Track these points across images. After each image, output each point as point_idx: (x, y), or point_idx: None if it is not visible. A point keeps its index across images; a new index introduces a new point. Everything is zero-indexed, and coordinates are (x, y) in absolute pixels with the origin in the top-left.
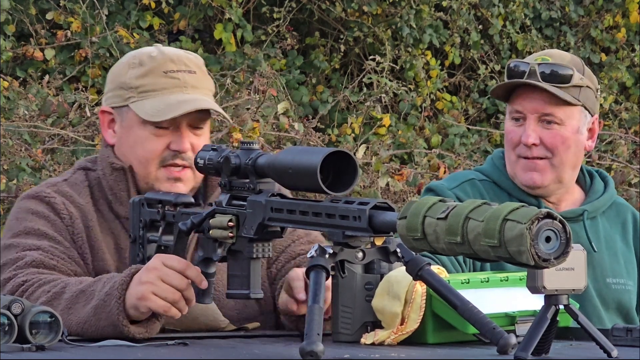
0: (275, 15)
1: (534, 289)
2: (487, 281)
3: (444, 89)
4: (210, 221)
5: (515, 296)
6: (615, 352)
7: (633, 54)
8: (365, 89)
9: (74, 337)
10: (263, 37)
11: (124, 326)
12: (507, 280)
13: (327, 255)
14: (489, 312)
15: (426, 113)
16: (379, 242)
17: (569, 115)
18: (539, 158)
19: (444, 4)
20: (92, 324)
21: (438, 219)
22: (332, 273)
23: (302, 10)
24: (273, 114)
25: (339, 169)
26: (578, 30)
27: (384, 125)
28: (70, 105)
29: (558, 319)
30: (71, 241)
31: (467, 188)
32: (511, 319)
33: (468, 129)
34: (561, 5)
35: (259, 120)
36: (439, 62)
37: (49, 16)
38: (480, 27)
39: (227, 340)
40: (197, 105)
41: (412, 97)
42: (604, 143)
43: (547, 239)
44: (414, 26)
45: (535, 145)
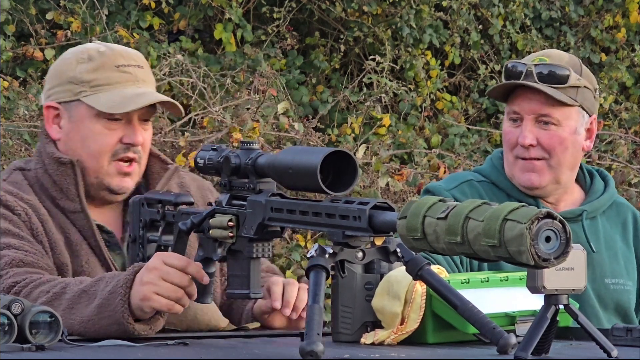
0: (275, 15)
1: (534, 288)
2: (487, 281)
3: (444, 89)
4: (210, 221)
5: (515, 296)
6: (615, 352)
7: (633, 54)
8: (365, 89)
9: (74, 337)
10: (263, 37)
11: (129, 324)
12: (507, 280)
13: (327, 255)
14: (489, 312)
15: (426, 113)
16: (379, 242)
17: (566, 116)
18: (537, 159)
19: (444, 4)
20: (96, 323)
21: (438, 218)
22: (332, 273)
23: (302, 10)
24: (273, 114)
25: (339, 169)
26: (578, 30)
27: (384, 125)
28: None
29: (558, 319)
30: (32, 236)
31: (465, 189)
32: (511, 318)
33: (468, 129)
34: (561, 5)
35: (259, 120)
36: (439, 62)
37: (49, 16)
38: (480, 27)
39: (227, 340)
40: (158, 97)
41: (412, 97)
42: (604, 143)
43: (547, 239)
44: (414, 26)
45: (532, 146)
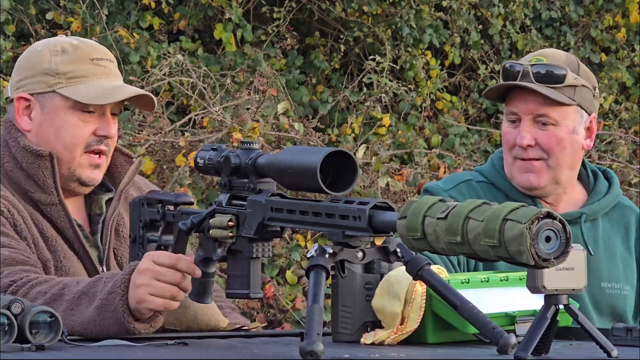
0: (275, 15)
1: (534, 288)
2: (487, 281)
3: (444, 89)
4: (210, 221)
5: (515, 296)
6: (615, 352)
7: (633, 54)
8: (365, 89)
9: (74, 337)
10: (263, 37)
11: (129, 323)
12: (507, 280)
13: (327, 255)
14: (489, 312)
15: (426, 113)
16: (378, 242)
17: (563, 116)
18: (535, 159)
19: (444, 4)
20: (97, 323)
21: (438, 218)
22: (332, 273)
23: (302, 10)
24: (273, 114)
25: (339, 169)
26: (578, 30)
27: (384, 125)
28: None
29: (558, 318)
30: (16, 233)
31: (463, 189)
32: (511, 318)
33: (468, 129)
34: (561, 5)
35: (259, 120)
36: (439, 62)
37: (49, 16)
38: (480, 27)
39: (227, 340)
40: (137, 90)
41: (412, 97)
42: (604, 143)
43: (547, 239)
44: (414, 26)
45: (530, 146)
